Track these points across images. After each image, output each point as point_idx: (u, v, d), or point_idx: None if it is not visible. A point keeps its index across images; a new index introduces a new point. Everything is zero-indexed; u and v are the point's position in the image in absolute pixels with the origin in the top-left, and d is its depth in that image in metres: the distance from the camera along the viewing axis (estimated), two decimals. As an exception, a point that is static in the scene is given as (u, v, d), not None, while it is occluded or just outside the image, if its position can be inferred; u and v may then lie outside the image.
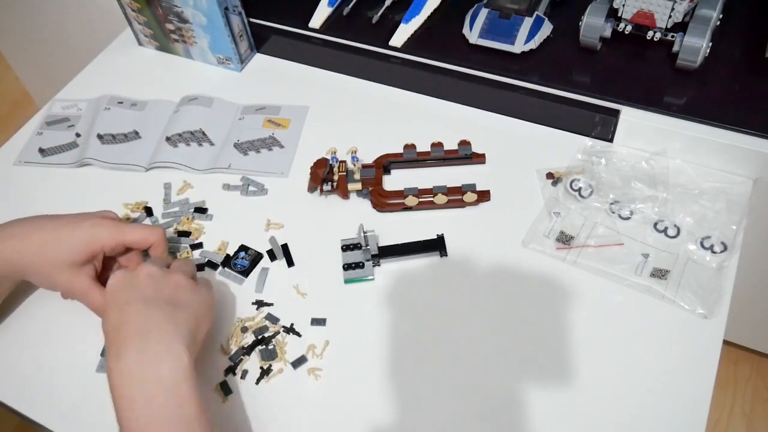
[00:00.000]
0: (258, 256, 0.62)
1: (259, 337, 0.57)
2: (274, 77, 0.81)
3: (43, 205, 0.60)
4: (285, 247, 0.63)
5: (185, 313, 0.49)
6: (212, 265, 0.62)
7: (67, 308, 0.60)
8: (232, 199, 0.68)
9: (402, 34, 0.76)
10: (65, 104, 0.79)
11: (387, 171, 0.69)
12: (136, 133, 0.74)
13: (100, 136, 0.73)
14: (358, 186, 0.66)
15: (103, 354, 0.56)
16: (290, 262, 0.62)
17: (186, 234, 0.65)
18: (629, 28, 0.70)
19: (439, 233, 0.62)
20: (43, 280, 0.56)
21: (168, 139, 0.72)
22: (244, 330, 0.57)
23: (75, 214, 0.57)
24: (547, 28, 0.73)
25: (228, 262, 0.62)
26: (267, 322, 0.58)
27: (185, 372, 0.45)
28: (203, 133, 0.73)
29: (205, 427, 0.44)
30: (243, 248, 0.63)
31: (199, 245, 0.64)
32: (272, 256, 0.63)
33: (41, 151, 0.73)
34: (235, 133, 0.73)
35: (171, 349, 0.46)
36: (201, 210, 0.67)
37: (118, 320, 0.47)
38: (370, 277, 0.60)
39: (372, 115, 0.75)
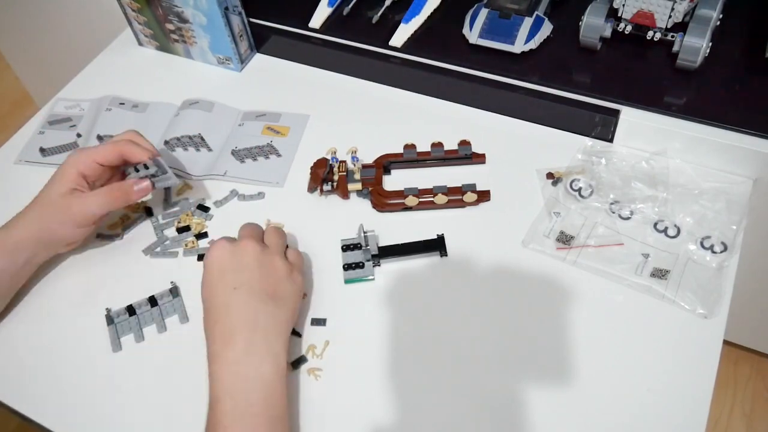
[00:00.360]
0: None
1: (260, 337, 0.57)
2: (274, 77, 0.81)
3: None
4: None
5: (286, 309, 0.52)
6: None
7: (67, 308, 0.60)
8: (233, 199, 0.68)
9: (402, 34, 0.76)
10: (68, 104, 0.79)
11: (387, 171, 0.69)
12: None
13: (100, 138, 0.73)
14: (358, 186, 0.66)
15: (113, 336, 0.58)
16: None
17: (186, 229, 0.65)
18: (629, 28, 0.70)
19: (439, 233, 0.62)
20: (51, 229, 0.58)
21: (167, 143, 0.72)
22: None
23: None
24: (547, 28, 0.73)
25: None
26: (267, 322, 0.58)
27: (282, 372, 0.49)
28: (202, 138, 0.73)
29: (287, 426, 0.48)
30: None
31: (205, 234, 0.65)
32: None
33: (42, 150, 0.73)
34: (233, 140, 0.73)
35: (273, 349, 0.49)
36: (203, 208, 0.67)
37: (226, 302, 0.50)
38: (370, 277, 0.60)
39: (372, 115, 0.75)
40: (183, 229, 0.65)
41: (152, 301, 0.59)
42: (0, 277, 0.56)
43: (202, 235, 0.65)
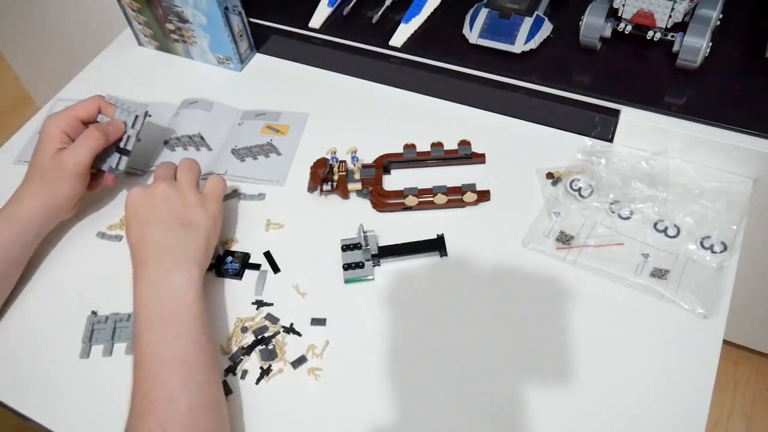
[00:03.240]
0: (246, 256, 0.62)
1: (259, 337, 0.57)
2: (274, 77, 0.81)
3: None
4: (268, 255, 0.63)
5: (196, 234, 0.57)
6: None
7: (68, 308, 0.60)
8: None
9: (402, 34, 0.76)
10: (67, 104, 0.78)
11: (387, 171, 0.69)
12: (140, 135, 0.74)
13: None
14: (358, 186, 0.66)
15: (85, 340, 0.58)
16: (276, 269, 0.62)
17: None
18: (629, 28, 0.70)
19: (439, 233, 0.62)
20: (52, 193, 0.61)
21: (166, 143, 0.72)
22: (244, 330, 0.57)
23: None
24: (547, 28, 0.73)
25: (219, 268, 0.62)
26: (267, 322, 0.58)
27: (192, 282, 0.54)
28: (202, 138, 0.73)
29: (204, 328, 0.52)
30: (228, 253, 0.63)
31: None
32: (271, 261, 0.63)
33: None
34: (233, 139, 0.73)
35: (183, 266, 0.54)
36: None
37: (140, 238, 0.56)
38: (370, 277, 0.60)
39: (372, 115, 0.75)
40: None
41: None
42: (13, 249, 0.59)
43: None
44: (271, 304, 0.59)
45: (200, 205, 0.59)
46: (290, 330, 0.57)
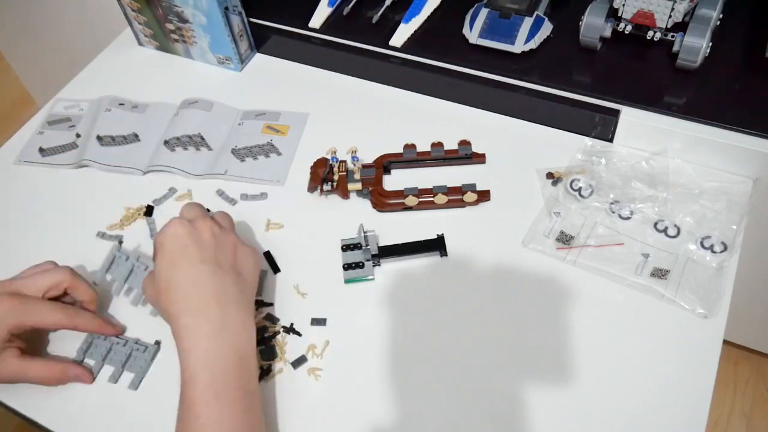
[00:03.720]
0: None
1: (259, 337, 0.57)
2: (274, 77, 0.81)
3: (44, 205, 0.61)
4: (268, 255, 0.63)
5: (248, 281, 0.52)
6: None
7: (67, 308, 0.60)
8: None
9: (402, 34, 0.76)
10: (67, 104, 0.79)
11: (387, 171, 0.69)
12: (136, 135, 0.74)
13: (99, 138, 0.73)
14: (358, 186, 0.66)
15: (80, 352, 0.56)
16: (276, 269, 0.62)
17: None
18: (629, 27, 0.70)
19: (439, 233, 0.62)
20: None
21: (166, 142, 0.72)
22: (244, 330, 0.57)
23: None
24: (547, 28, 0.73)
25: None
26: (267, 322, 0.58)
27: (254, 345, 0.49)
28: (201, 138, 0.73)
29: (257, 399, 0.48)
30: None
31: None
32: (271, 261, 0.63)
33: (41, 150, 0.73)
34: (233, 139, 0.73)
35: (245, 322, 0.49)
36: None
37: (194, 279, 0.49)
38: (370, 277, 0.60)
39: (372, 115, 0.75)
40: None
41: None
42: None
43: None
44: (271, 304, 0.59)
45: (245, 251, 0.54)
46: (290, 330, 0.57)
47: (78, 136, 0.75)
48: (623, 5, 0.69)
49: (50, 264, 0.56)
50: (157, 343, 0.57)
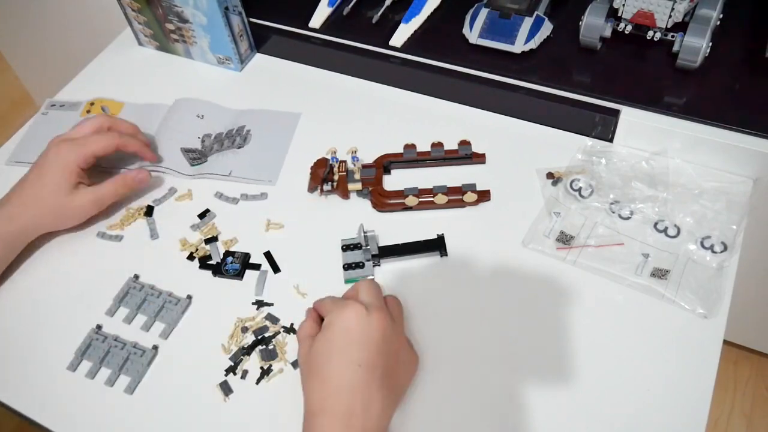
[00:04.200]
0: (246, 257, 0.62)
1: (259, 337, 0.57)
2: (274, 77, 0.81)
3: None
4: (268, 255, 0.63)
5: (398, 397, 0.49)
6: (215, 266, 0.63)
7: (68, 308, 0.60)
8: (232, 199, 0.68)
9: (402, 34, 0.76)
10: (59, 104, 0.79)
11: (387, 171, 0.69)
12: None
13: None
14: (358, 186, 0.66)
15: (82, 355, 0.56)
16: (276, 269, 0.62)
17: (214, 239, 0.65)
18: (629, 27, 0.70)
19: (439, 233, 0.62)
20: (60, 222, 0.63)
21: (159, 142, 0.72)
22: (244, 330, 0.57)
23: (38, 159, 0.63)
24: (547, 28, 0.73)
25: (218, 269, 0.62)
26: (267, 322, 0.58)
27: None
28: (195, 137, 0.73)
29: None
30: (228, 253, 0.63)
31: (215, 239, 0.64)
32: (271, 261, 0.63)
33: (34, 151, 0.73)
34: (223, 139, 0.73)
35: (380, 429, 0.46)
36: (201, 215, 0.67)
37: (346, 381, 0.46)
38: (370, 277, 0.60)
39: (372, 115, 0.75)
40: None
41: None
42: None
43: (210, 240, 0.65)
44: (272, 304, 0.59)
45: (408, 354, 0.51)
46: (290, 330, 0.57)
47: None
48: (623, 5, 0.69)
49: (92, 116, 0.68)
50: (155, 347, 0.57)
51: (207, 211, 0.67)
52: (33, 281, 0.62)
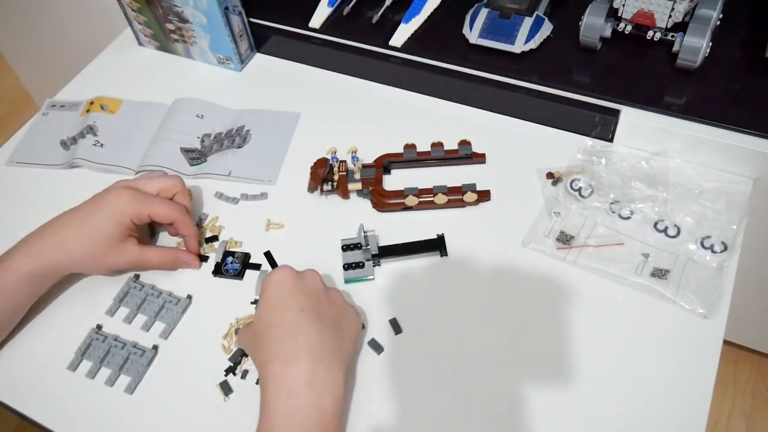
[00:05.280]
0: (246, 257, 0.62)
1: (259, 337, 0.57)
2: (274, 77, 0.81)
3: (44, 206, 0.60)
4: (268, 255, 0.63)
5: (347, 339, 0.50)
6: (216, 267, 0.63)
7: (68, 308, 0.60)
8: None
9: (402, 34, 0.76)
10: (59, 104, 0.79)
11: (387, 171, 0.69)
12: (129, 135, 0.74)
13: (93, 136, 0.73)
14: (359, 186, 0.66)
15: (82, 355, 0.56)
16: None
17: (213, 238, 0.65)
18: (629, 27, 0.70)
19: (439, 233, 0.62)
20: (94, 269, 0.59)
21: (158, 142, 0.72)
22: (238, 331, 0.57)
23: (94, 196, 0.58)
24: (547, 28, 0.73)
25: (218, 269, 0.62)
26: (267, 322, 0.58)
27: (341, 406, 0.46)
28: (194, 137, 0.73)
29: None
30: (228, 253, 0.63)
31: (214, 238, 0.64)
32: (271, 261, 0.63)
33: (33, 151, 0.73)
34: (223, 139, 0.73)
35: (336, 380, 0.46)
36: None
37: (291, 326, 0.47)
38: (370, 277, 0.60)
39: (372, 115, 0.75)
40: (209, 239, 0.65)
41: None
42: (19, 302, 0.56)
43: (210, 239, 0.65)
44: (271, 304, 0.59)
45: (347, 311, 0.53)
46: (290, 330, 0.57)
47: (71, 137, 0.74)
48: (623, 5, 0.69)
49: (162, 172, 0.65)
50: (155, 347, 0.57)
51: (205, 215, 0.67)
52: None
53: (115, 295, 0.60)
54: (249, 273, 0.62)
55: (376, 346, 0.56)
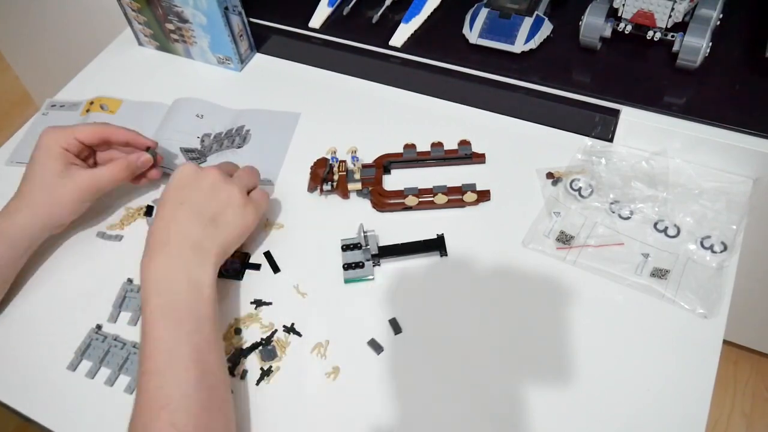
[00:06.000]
0: (246, 256, 0.62)
1: (259, 337, 0.57)
2: (274, 77, 0.81)
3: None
4: (268, 254, 0.63)
5: (224, 233, 0.55)
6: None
7: (68, 308, 0.60)
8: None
9: (402, 34, 0.76)
10: (59, 104, 0.79)
11: (387, 171, 0.69)
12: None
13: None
14: (358, 186, 0.66)
15: (82, 355, 0.57)
16: (275, 269, 0.62)
17: None
18: (629, 27, 0.70)
19: (439, 233, 0.62)
20: (61, 211, 0.60)
21: (158, 142, 0.72)
22: (238, 332, 0.57)
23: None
24: (547, 28, 0.73)
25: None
26: (267, 322, 0.58)
27: (209, 279, 0.52)
28: (194, 137, 0.73)
29: (216, 327, 0.51)
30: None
31: None
32: (271, 261, 0.63)
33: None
34: (223, 139, 0.73)
35: (203, 262, 0.52)
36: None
37: (168, 219, 0.54)
38: (370, 277, 0.60)
39: (372, 115, 0.75)
40: None
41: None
42: (1, 266, 0.57)
43: None
44: (270, 304, 0.59)
45: (241, 207, 0.56)
46: (290, 330, 0.57)
47: None
48: (623, 5, 0.69)
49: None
50: None
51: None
52: (33, 280, 0.62)
53: (114, 301, 0.60)
54: (248, 273, 0.62)
55: (376, 346, 0.56)
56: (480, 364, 0.54)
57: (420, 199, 0.64)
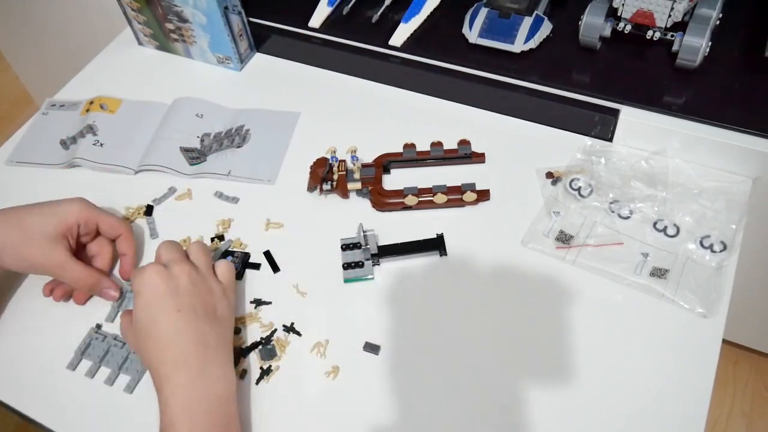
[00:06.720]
0: (246, 256, 0.62)
1: (259, 336, 0.57)
2: (274, 77, 0.81)
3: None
4: (268, 254, 0.63)
5: (226, 328, 0.52)
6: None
7: (68, 308, 0.60)
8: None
9: (402, 34, 0.76)
10: (58, 104, 0.79)
11: (387, 170, 0.69)
12: (128, 135, 0.74)
13: (93, 136, 0.73)
14: (358, 185, 0.66)
15: (82, 354, 0.56)
16: (275, 268, 0.62)
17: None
18: (629, 27, 0.70)
19: (439, 233, 0.62)
20: (18, 256, 0.55)
21: (158, 141, 0.72)
22: (237, 332, 0.57)
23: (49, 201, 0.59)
24: (546, 28, 0.73)
25: None
26: (267, 322, 0.58)
27: (234, 391, 0.50)
28: (194, 137, 0.73)
29: (236, 413, 0.49)
30: (228, 253, 0.63)
31: (221, 237, 0.64)
32: (271, 261, 0.63)
33: (33, 151, 0.73)
34: (222, 138, 0.73)
35: (225, 370, 0.50)
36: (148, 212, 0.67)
37: (173, 330, 0.49)
38: (370, 277, 0.60)
39: (372, 115, 0.75)
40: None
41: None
42: None
43: (220, 238, 0.65)
44: (270, 303, 0.59)
45: (223, 295, 0.54)
46: (290, 329, 0.57)
47: (71, 137, 0.74)
48: (623, 5, 0.69)
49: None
50: None
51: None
52: (33, 280, 0.62)
53: (112, 304, 0.60)
54: (248, 272, 0.62)
55: (373, 347, 0.56)
56: (479, 364, 0.54)
57: (419, 199, 0.64)
